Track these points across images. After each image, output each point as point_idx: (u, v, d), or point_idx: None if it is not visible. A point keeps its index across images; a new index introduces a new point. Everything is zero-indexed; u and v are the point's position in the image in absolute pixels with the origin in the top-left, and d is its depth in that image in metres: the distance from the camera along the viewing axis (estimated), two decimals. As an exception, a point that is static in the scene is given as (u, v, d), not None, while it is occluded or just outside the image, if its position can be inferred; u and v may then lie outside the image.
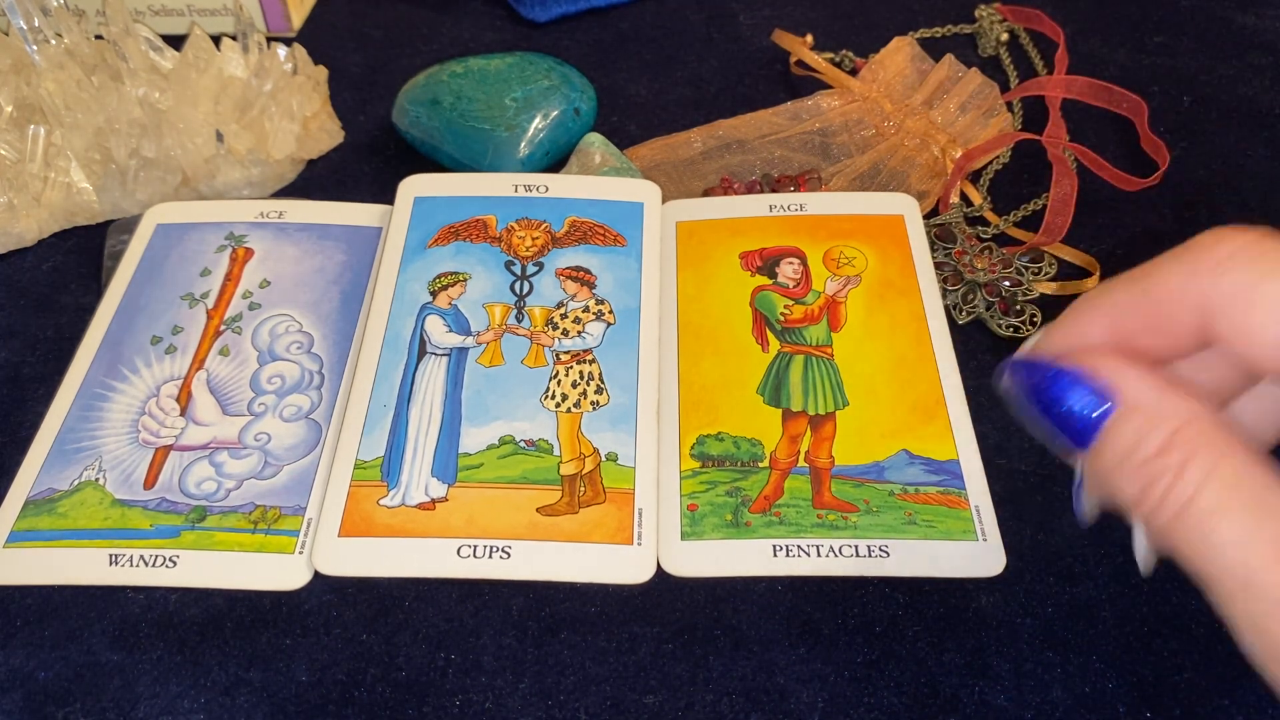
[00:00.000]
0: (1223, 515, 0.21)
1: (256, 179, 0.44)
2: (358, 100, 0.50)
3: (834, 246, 0.39)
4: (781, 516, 0.32)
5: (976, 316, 0.39)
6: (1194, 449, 0.22)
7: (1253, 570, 0.21)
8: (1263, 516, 0.21)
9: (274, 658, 0.31)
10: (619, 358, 0.36)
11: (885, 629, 0.31)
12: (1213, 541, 0.21)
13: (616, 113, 0.49)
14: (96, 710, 0.30)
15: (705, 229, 0.40)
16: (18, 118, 0.43)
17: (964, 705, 0.29)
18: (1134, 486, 0.23)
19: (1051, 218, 0.41)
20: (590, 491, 0.33)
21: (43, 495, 0.33)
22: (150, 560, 0.32)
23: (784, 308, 0.38)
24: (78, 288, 0.42)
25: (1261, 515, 0.21)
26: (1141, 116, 0.45)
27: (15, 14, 0.43)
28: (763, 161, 0.45)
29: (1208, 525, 0.21)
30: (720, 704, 0.29)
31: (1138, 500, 0.23)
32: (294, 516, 0.33)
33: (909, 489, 0.32)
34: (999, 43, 0.51)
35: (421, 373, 0.36)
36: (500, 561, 0.31)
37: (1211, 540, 0.21)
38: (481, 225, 0.40)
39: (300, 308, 0.39)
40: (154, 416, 0.35)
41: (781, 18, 0.54)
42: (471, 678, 0.30)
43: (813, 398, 0.35)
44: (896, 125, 0.46)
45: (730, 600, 0.32)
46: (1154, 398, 0.23)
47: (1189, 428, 0.22)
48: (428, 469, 0.33)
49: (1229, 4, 0.54)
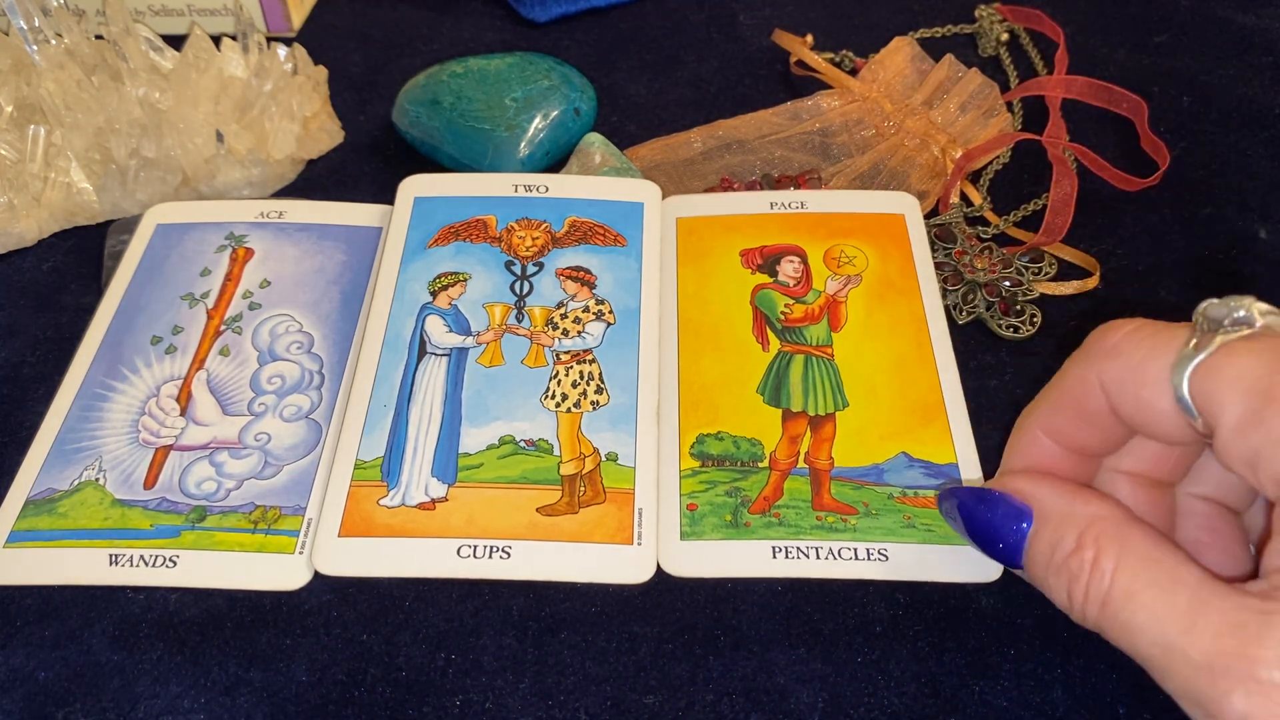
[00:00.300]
0: (1136, 597, 0.23)
1: (256, 179, 0.44)
2: (358, 100, 0.50)
3: (834, 245, 0.39)
4: (781, 518, 0.32)
5: (976, 316, 0.39)
6: (1100, 544, 0.24)
7: (1171, 638, 0.22)
8: (1171, 589, 0.23)
9: (274, 658, 0.31)
10: (619, 358, 0.36)
11: (885, 629, 0.31)
12: (1134, 624, 0.23)
13: (616, 113, 0.49)
14: (96, 710, 0.30)
15: (705, 225, 0.40)
16: (18, 118, 0.43)
17: (964, 705, 0.29)
18: (1060, 590, 0.25)
19: (1051, 218, 0.41)
20: (590, 491, 0.33)
21: (43, 495, 0.33)
22: (150, 560, 0.32)
23: (784, 306, 0.38)
24: (78, 288, 0.42)
25: (1170, 588, 0.23)
26: (1141, 116, 0.45)
27: (15, 14, 0.43)
28: (763, 161, 0.45)
29: (1126, 610, 0.23)
30: (720, 704, 0.29)
31: (1068, 603, 0.25)
32: (294, 516, 0.33)
33: (908, 492, 0.32)
34: (999, 43, 0.51)
35: (421, 373, 0.36)
36: (500, 561, 0.31)
37: (1133, 623, 0.23)
38: (481, 225, 0.40)
39: (300, 308, 0.39)
40: (154, 416, 0.35)
41: (781, 18, 0.54)
42: (471, 678, 0.30)
43: (813, 398, 0.35)
44: (896, 125, 0.46)
45: (730, 600, 0.32)
46: (1063, 506, 0.26)
47: (1094, 526, 0.25)
48: (428, 469, 0.33)
49: (1229, 4, 0.54)
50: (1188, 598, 0.22)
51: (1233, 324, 0.24)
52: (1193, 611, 0.22)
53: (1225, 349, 0.23)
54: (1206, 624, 0.22)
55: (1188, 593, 0.22)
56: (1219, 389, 0.23)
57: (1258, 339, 0.23)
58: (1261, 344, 0.23)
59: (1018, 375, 0.37)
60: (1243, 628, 0.21)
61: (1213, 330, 0.24)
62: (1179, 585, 0.23)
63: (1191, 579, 0.23)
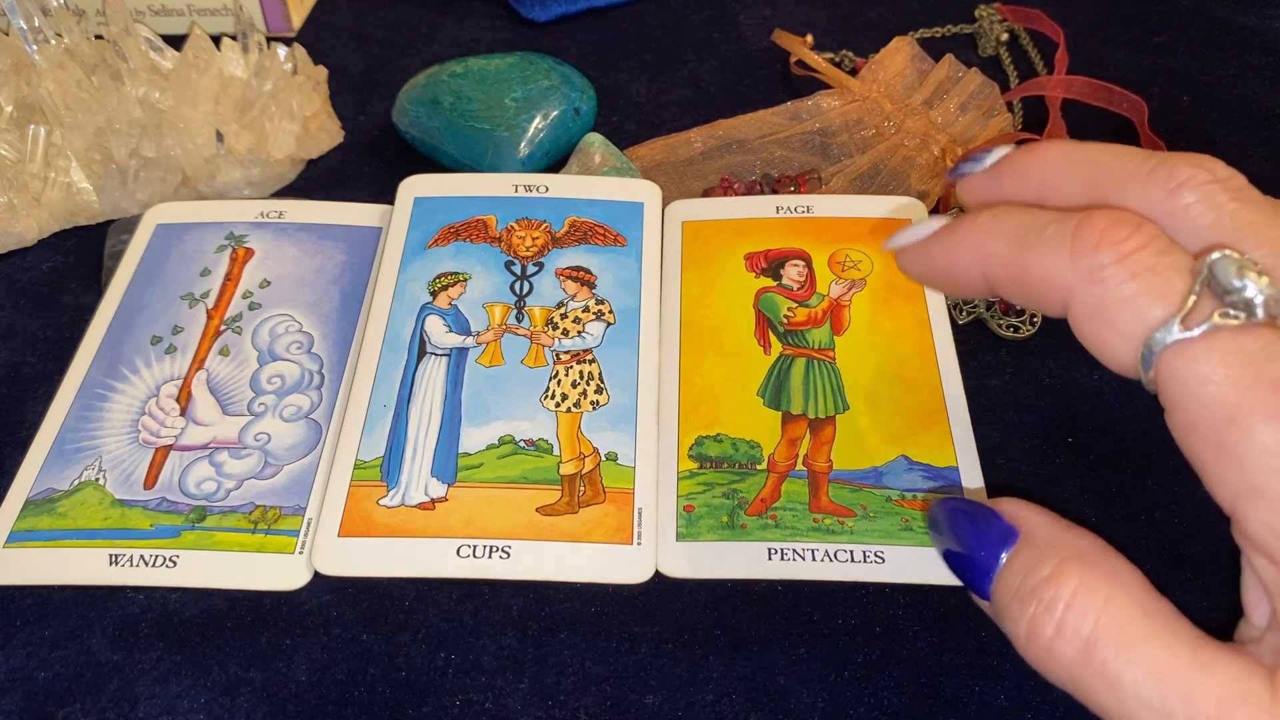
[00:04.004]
0: (1132, 646, 0.21)
1: (256, 179, 0.44)
2: (358, 100, 0.50)
3: (840, 249, 0.39)
4: (778, 520, 0.32)
5: (976, 316, 0.39)
6: (1086, 578, 0.22)
7: (1171, 703, 0.20)
8: (1172, 644, 0.20)
9: (274, 658, 0.31)
10: (619, 358, 0.36)
11: (885, 629, 0.31)
12: (1123, 678, 0.20)
13: (616, 113, 0.49)
14: (96, 710, 0.30)
15: (710, 229, 0.40)
16: (18, 118, 0.43)
17: (964, 705, 0.29)
18: (1021, 621, 0.22)
19: (1051, 218, 0.41)
20: (590, 491, 0.33)
21: (43, 495, 0.33)
22: (150, 560, 0.32)
23: (787, 310, 0.38)
24: (78, 288, 0.42)
25: (1171, 643, 0.20)
26: (1141, 116, 0.45)
27: (15, 14, 0.43)
28: (763, 161, 0.45)
29: (1118, 660, 0.20)
30: (720, 704, 0.29)
31: (1026, 638, 0.22)
32: (294, 516, 0.33)
33: (907, 495, 0.32)
34: (999, 43, 0.51)
35: (421, 373, 0.36)
36: (500, 561, 0.31)
37: (1122, 676, 0.20)
38: (481, 225, 0.40)
39: (300, 308, 0.39)
40: (154, 416, 0.35)
41: (781, 18, 0.54)
42: (471, 678, 0.30)
43: (813, 401, 0.35)
44: (896, 125, 0.46)
45: (730, 600, 0.32)
46: (1049, 533, 0.23)
47: (1082, 558, 0.22)
48: (427, 469, 0.33)
49: (1229, 4, 0.54)
50: (1187, 657, 0.20)
51: (1233, 304, 0.21)
52: (1194, 672, 0.20)
53: (1213, 334, 0.20)
54: (1210, 691, 0.20)
55: (1186, 651, 0.20)
56: (1189, 379, 0.21)
57: (1252, 333, 0.20)
58: (1254, 341, 0.20)
59: (1018, 375, 0.37)
60: (1251, 697, 0.20)
61: (1213, 298, 0.21)
62: (1178, 641, 0.21)
63: (1189, 635, 0.21)
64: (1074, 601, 0.21)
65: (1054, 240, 0.23)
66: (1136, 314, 0.21)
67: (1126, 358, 0.22)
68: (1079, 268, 0.23)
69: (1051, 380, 0.37)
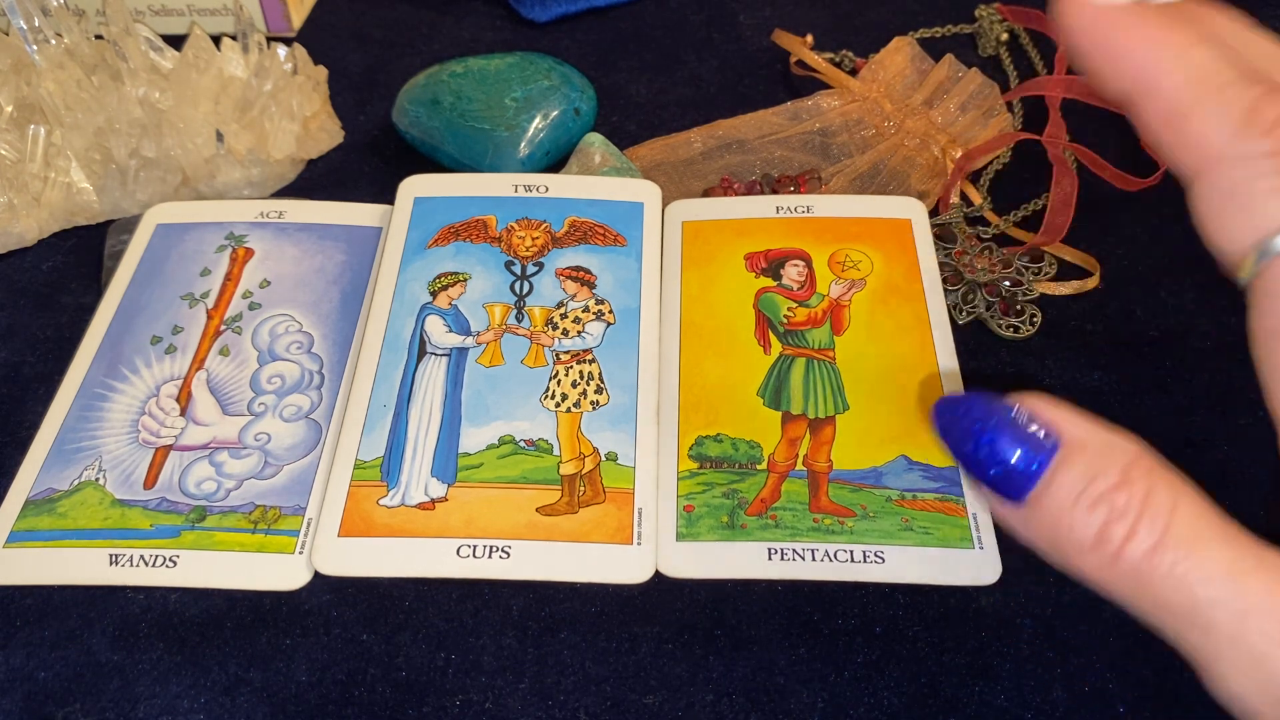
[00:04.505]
0: (1202, 547, 0.20)
1: (256, 179, 0.44)
2: (358, 100, 0.50)
3: (840, 249, 0.39)
4: (778, 520, 0.32)
5: (976, 316, 0.39)
6: (1153, 481, 0.21)
7: (1248, 599, 0.20)
8: (1236, 544, 0.20)
9: (274, 658, 0.31)
10: (619, 358, 0.36)
11: (885, 629, 0.31)
12: (1191, 578, 0.20)
13: (616, 113, 0.49)
14: (96, 710, 0.30)
15: (711, 229, 0.40)
16: (18, 118, 0.43)
17: (964, 705, 0.29)
18: (1090, 528, 0.21)
19: (1051, 218, 0.41)
20: (590, 491, 0.33)
21: (43, 495, 0.33)
22: (150, 560, 0.32)
23: (787, 310, 0.38)
24: (78, 288, 0.42)
25: (1235, 543, 0.20)
26: (1142, 117, 0.45)
27: (15, 14, 0.43)
28: (763, 161, 0.45)
29: (1187, 561, 0.20)
30: (720, 704, 0.29)
31: (1094, 543, 0.21)
32: (294, 516, 0.33)
33: (907, 495, 0.32)
34: (999, 43, 0.51)
35: (421, 373, 0.36)
36: (500, 561, 0.31)
37: (1190, 577, 0.20)
38: (481, 225, 0.40)
39: (300, 308, 0.39)
40: (154, 416, 0.35)
41: (781, 18, 0.54)
42: (471, 678, 0.30)
43: (813, 401, 0.35)
44: (896, 125, 0.46)
45: (730, 600, 0.32)
46: (1101, 436, 0.22)
47: (1141, 461, 0.21)
48: (427, 469, 0.33)
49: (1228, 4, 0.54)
50: (1255, 558, 0.20)
51: None
52: (1266, 570, 0.20)
53: None
54: None
55: (1253, 552, 0.20)
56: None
57: None
58: None
59: (1018, 375, 0.37)
60: None
61: None
62: (1243, 542, 0.20)
63: (1250, 538, 0.20)
64: (1147, 506, 0.21)
65: (1231, 103, 0.22)
66: (1276, 209, 0.20)
67: (1241, 244, 0.21)
68: (1238, 147, 0.21)
69: (1051, 380, 0.37)
